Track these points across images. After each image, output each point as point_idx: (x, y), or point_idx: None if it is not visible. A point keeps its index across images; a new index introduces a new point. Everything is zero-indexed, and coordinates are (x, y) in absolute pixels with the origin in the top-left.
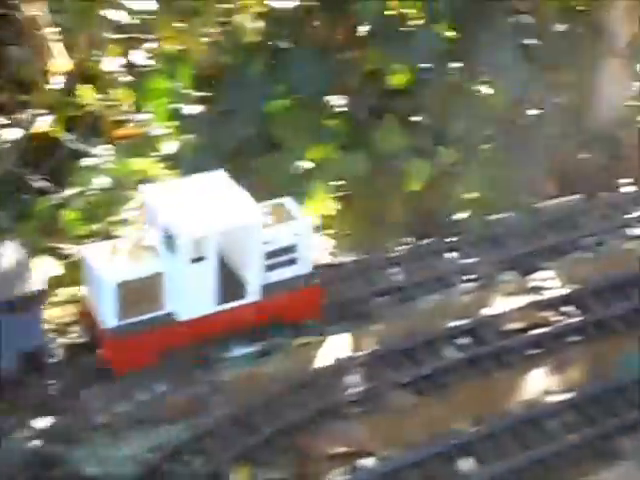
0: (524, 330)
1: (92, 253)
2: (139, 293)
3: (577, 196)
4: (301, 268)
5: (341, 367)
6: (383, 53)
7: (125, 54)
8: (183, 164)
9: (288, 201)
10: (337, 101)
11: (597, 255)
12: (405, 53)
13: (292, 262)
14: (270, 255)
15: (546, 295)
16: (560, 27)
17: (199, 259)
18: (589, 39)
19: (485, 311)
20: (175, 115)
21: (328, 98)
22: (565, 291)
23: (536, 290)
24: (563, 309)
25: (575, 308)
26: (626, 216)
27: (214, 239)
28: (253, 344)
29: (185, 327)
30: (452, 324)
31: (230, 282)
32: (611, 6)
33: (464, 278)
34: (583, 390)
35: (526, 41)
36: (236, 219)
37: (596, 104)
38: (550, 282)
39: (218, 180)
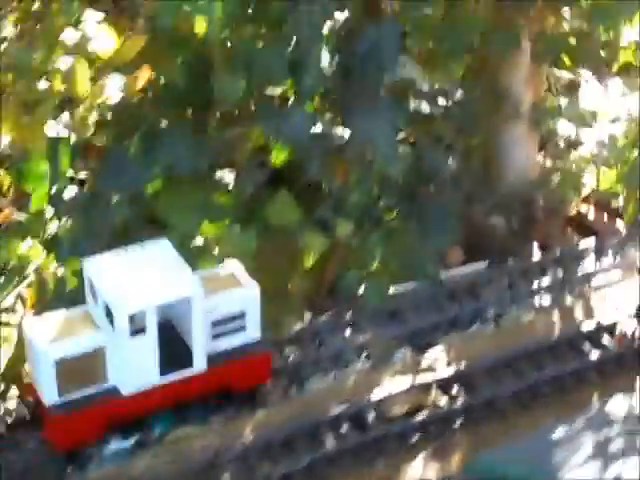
0: (408, 414)
1: (33, 327)
2: (80, 368)
3: (483, 263)
4: (250, 335)
5: (216, 462)
6: (261, 130)
7: None
8: (62, 247)
9: (236, 268)
10: (228, 177)
11: (497, 328)
12: (280, 130)
13: (240, 330)
14: (216, 323)
15: (435, 374)
16: (463, 91)
17: (139, 332)
18: (493, 103)
19: (371, 394)
20: (54, 197)
21: (218, 174)
22: (456, 369)
23: (426, 369)
24: (451, 389)
25: (464, 388)
26: (532, 285)
27: (153, 312)
28: (130, 437)
29: (129, 400)
30: (336, 409)
31: (175, 353)
32: (515, 70)
33: (357, 356)
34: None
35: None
36: (175, 291)
37: (505, 167)
38: (442, 360)
39: (160, 250)
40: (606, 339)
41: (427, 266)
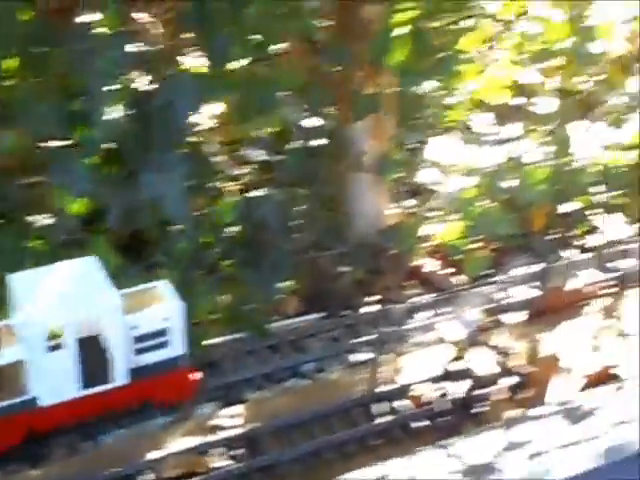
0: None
1: None
2: (0, 379)
3: (316, 315)
4: (173, 351)
5: None
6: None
7: None
8: None
9: (162, 285)
10: (41, 221)
11: (313, 383)
12: (65, 183)
13: (163, 345)
14: (139, 339)
15: (224, 434)
16: (304, 142)
17: (57, 346)
18: (337, 154)
19: (144, 457)
20: None
21: (30, 218)
22: (250, 428)
23: (217, 428)
24: (237, 450)
25: (253, 449)
26: (357, 339)
27: (71, 327)
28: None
29: (49, 412)
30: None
31: (95, 367)
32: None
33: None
34: None
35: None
36: (94, 306)
37: (353, 216)
38: (239, 418)
39: (85, 267)
40: (404, 402)
41: (258, 317)
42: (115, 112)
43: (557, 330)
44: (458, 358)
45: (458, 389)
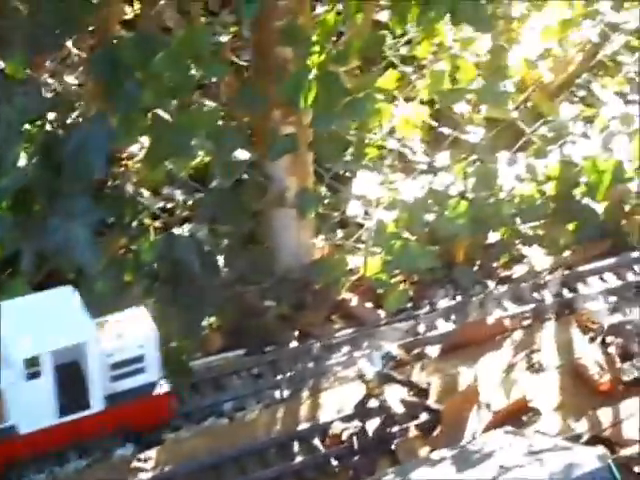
0: None
1: None
2: None
3: (238, 352)
4: (149, 377)
5: None
6: None
7: None
8: None
9: (137, 312)
10: None
11: (232, 422)
12: None
13: (139, 371)
14: (115, 366)
15: (140, 476)
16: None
17: (35, 375)
18: (257, 191)
19: None
20: None
21: None
22: (157, 472)
23: (137, 470)
24: None
25: None
26: (279, 376)
27: (48, 356)
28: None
29: (27, 439)
30: None
31: (72, 394)
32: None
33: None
34: None
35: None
36: (69, 336)
37: (278, 252)
38: (153, 460)
39: (62, 297)
40: (319, 440)
41: (181, 355)
42: (24, 159)
43: (475, 364)
44: (374, 394)
45: (374, 426)
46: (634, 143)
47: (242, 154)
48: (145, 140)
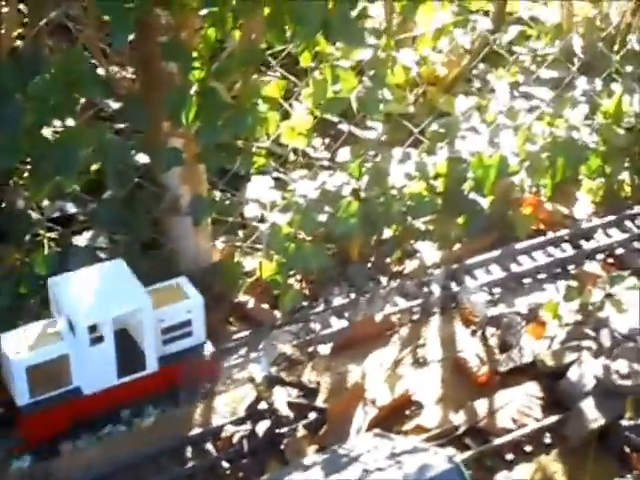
0: None
1: (5, 340)
2: (47, 373)
3: None
4: (196, 339)
5: None
6: None
7: None
8: None
9: (183, 281)
10: None
11: (130, 430)
12: None
13: (187, 335)
14: (166, 331)
15: None
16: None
17: (97, 340)
18: (152, 198)
19: None
20: None
21: None
22: None
23: None
24: None
25: None
26: None
27: (109, 323)
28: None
29: (91, 399)
30: None
31: (130, 357)
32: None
33: None
34: None
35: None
36: (127, 304)
37: (178, 257)
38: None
39: (115, 269)
40: (212, 444)
41: None
42: None
43: (363, 361)
44: (264, 397)
45: (264, 428)
46: (519, 137)
47: (131, 166)
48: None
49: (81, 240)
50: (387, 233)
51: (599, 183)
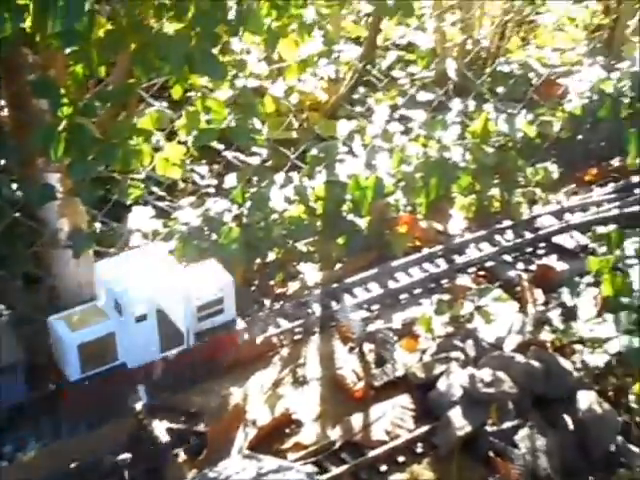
0: None
1: (57, 320)
2: (96, 350)
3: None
4: (227, 316)
5: None
6: None
7: None
8: None
9: (213, 263)
10: None
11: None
12: None
13: (219, 312)
14: (200, 308)
15: None
16: None
17: (141, 319)
18: (29, 233)
19: None
20: None
21: None
22: None
23: None
24: None
25: None
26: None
27: (152, 303)
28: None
29: (135, 373)
30: None
31: (170, 333)
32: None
33: None
34: None
35: None
36: (168, 284)
37: (59, 290)
38: None
39: (156, 252)
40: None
41: None
42: None
43: (245, 383)
44: (144, 426)
45: (144, 456)
46: (394, 158)
47: (7, 201)
48: None
49: None
50: (271, 256)
51: (470, 200)
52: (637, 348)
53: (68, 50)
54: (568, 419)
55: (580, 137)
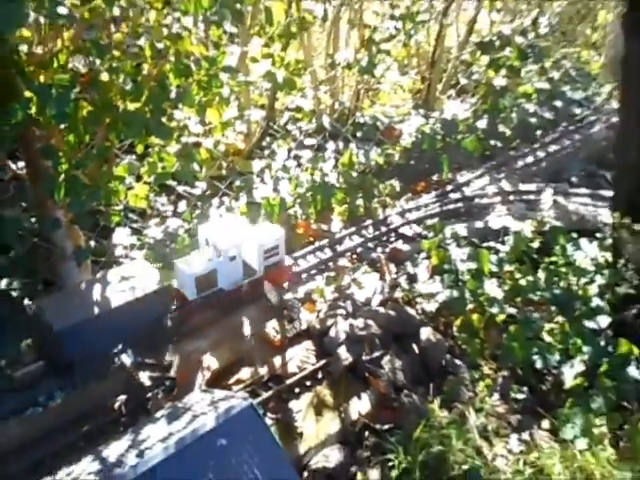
0: None
1: (180, 262)
2: (205, 280)
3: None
4: (281, 256)
5: None
6: None
7: None
8: None
9: (267, 222)
10: None
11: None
12: None
13: (276, 254)
14: (265, 251)
15: None
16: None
17: (233, 259)
18: (45, 251)
19: None
20: None
21: None
22: None
23: None
24: None
25: None
26: None
27: (238, 247)
28: None
29: (228, 295)
30: None
31: (249, 268)
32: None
33: None
34: None
35: None
36: (246, 237)
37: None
38: None
39: (236, 219)
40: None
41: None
42: None
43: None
44: (134, 375)
45: (135, 396)
46: (292, 184)
47: (28, 231)
48: None
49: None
50: None
51: (344, 208)
52: (456, 298)
53: (62, 126)
54: (415, 347)
55: (412, 162)
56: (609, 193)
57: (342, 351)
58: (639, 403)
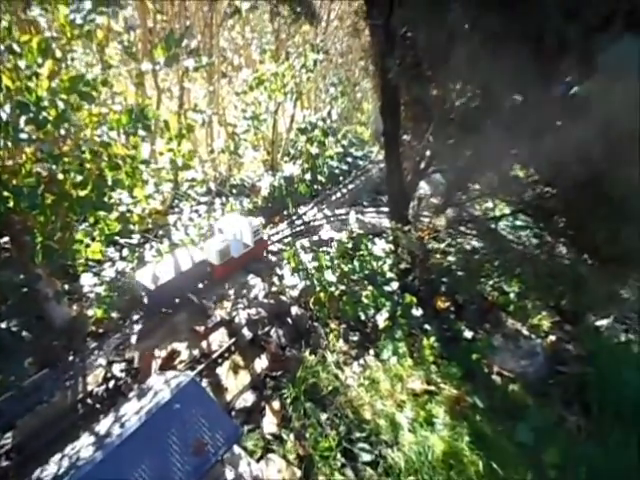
0: None
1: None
2: (223, 252)
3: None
4: (261, 235)
5: None
6: None
7: None
8: None
9: (254, 220)
10: None
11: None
12: None
13: (258, 233)
14: (254, 232)
15: None
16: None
17: (237, 240)
18: (34, 297)
19: None
20: None
21: None
22: None
23: None
24: None
25: None
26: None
27: (239, 233)
28: None
29: (235, 260)
30: None
31: (243, 243)
32: None
33: None
34: None
35: None
36: (244, 224)
37: (53, 323)
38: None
39: (237, 218)
40: (89, 399)
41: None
42: None
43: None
44: (109, 369)
45: (109, 386)
46: (196, 229)
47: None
48: None
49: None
50: None
51: None
52: (308, 285)
53: (34, 212)
54: (289, 320)
55: (270, 205)
56: (386, 209)
57: (245, 331)
58: (421, 330)
